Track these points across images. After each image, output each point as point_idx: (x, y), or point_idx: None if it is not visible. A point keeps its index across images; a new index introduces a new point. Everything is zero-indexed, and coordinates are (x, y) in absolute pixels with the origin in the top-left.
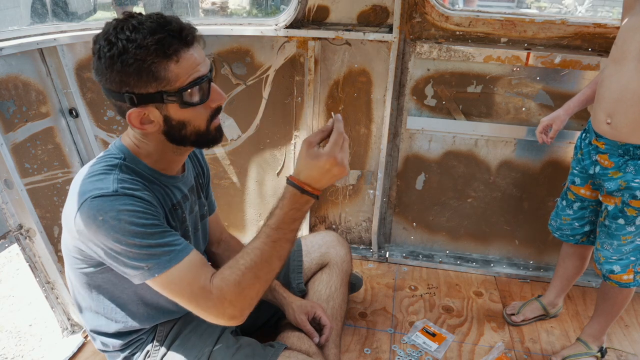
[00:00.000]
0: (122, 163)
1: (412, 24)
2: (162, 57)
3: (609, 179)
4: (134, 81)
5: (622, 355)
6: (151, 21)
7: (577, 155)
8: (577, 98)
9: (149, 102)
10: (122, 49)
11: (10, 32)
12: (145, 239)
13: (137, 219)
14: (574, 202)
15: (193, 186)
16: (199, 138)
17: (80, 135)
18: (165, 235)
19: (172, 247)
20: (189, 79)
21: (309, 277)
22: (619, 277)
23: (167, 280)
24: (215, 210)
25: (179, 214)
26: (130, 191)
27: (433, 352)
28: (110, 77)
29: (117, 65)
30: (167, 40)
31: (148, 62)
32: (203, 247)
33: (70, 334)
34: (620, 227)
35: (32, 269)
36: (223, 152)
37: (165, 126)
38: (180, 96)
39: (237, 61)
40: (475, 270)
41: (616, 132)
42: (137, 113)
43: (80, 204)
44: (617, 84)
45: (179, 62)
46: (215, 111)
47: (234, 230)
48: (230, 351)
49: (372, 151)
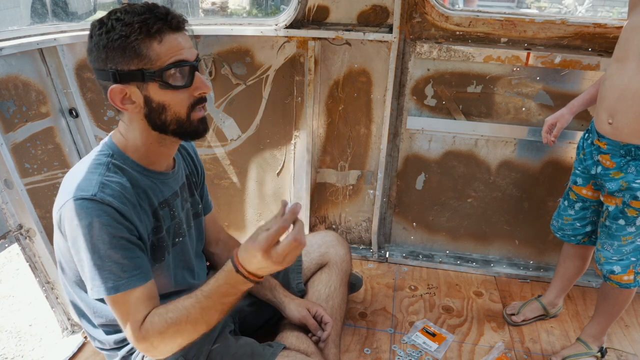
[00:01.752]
0: (110, 161)
1: (412, 24)
2: (146, 35)
3: (610, 179)
4: (117, 57)
5: (622, 355)
6: (142, 5)
7: (580, 155)
8: (581, 97)
9: (130, 80)
10: (110, 27)
11: (10, 32)
12: (105, 259)
13: (105, 234)
14: (575, 203)
15: (184, 184)
16: (180, 127)
17: (80, 135)
18: (126, 258)
19: (124, 274)
20: (170, 60)
21: (308, 277)
22: (620, 278)
23: (111, 302)
24: (212, 210)
25: (166, 211)
26: (110, 198)
27: (433, 352)
28: (97, 54)
29: (104, 41)
30: (152, 20)
31: (132, 39)
32: (199, 246)
33: (70, 334)
34: (621, 227)
35: (32, 269)
36: (223, 152)
37: (146, 108)
38: (160, 76)
39: (237, 61)
40: (475, 270)
41: (618, 132)
42: (119, 90)
43: (63, 203)
44: (619, 84)
45: (162, 42)
46: (198, 100)
47: (234, 231)
48: (229, 350)
49: (372, 151)
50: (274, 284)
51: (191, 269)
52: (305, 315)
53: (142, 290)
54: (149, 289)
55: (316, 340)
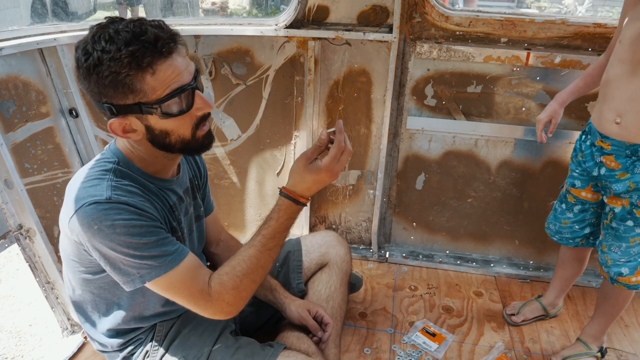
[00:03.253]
0: (116, 167)
1: (412, 24)
2: (137, 69)
3: (616, 180)
4: (111, 92)
5: (622, 355)
6: (127, 31)
7: (577, 157)
8: (569, 90)
9: (128, 113)
10: (97, 60)
11: (10, 32)
12: (140, 250)
13: (132, 228)
14: (574, 205)
15: (188, 188)
16: (186, 146)
17: (80, 135)
18: (160, 243)
19: (166, 256)
20: (167, 91)
21: (308, 277)
22: (628, 280)
23: (166, 284)
24: (214, 210)
25: (175, 216)
26: (125, 198)
27: (433, 352)
28: (89, 87)
29: (94, 77)
30: (141, 52)
31: (122, 75)
32: (199, 248)
33: (70, 334)
34: (629, 228)
35: (32, 269)
36: (223, 152)
37: (149, 135)
38: (159, 107)
39: (237, 61)
40: (475, 270)
41: (626, 132)
42: (119, 123)
43: (75, 211)
44: (630, 84)
45: (155, 74)
46: (201, 119)
47: (234, 230)
48: (230, 351)
49: (372, 151)
50: (274, 285)
51: None
52: (306, 316)
53: (191, 259)
54: (194, 258)
55: (317, 341)
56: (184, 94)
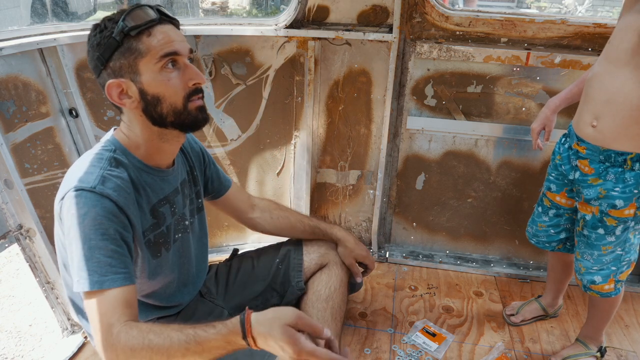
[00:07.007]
0: (111, 155)
1: (412, 24)
2: (136, 30)
3: (588, 185)
4: (111, 53)
5: (622, 354)
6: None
7: (555, 160)
8: (563, 95)
9: (124, 73)
10: (102, 26)
11: (10, 32)
12: (94, 250)
13: (99, 224)
14: (549, 209)
15: (185, 180)
16: (178, 118)
17: (80, 135)
18: (116, 253)
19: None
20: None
21: (308, 276)
22: (601, 288)
23: (89, 298)
24: (231, 183)
25: (166, 208)
26: (109, 191)
27: (433, 352)
28: (93, 54)
29: (97, 39)
30: (141, 16)
31: (122, 35)
32: (203, 238)
33: (70, 334)
34: (600, 237)
35: (32, 269)
36: (223, 152)
37: (142, 102)
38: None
39: (237, 61)
40: (475, 270)
41: (600, 135)
42: (116, 85)
43: (64, 194)
44: (610, 85)
45: (151, 35)
46: (193, 92)
47: (234, 230)
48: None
49: (372, 151)
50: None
51: (192, 263)
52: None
53: (124, 291)
54: (130, 294)
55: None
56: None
